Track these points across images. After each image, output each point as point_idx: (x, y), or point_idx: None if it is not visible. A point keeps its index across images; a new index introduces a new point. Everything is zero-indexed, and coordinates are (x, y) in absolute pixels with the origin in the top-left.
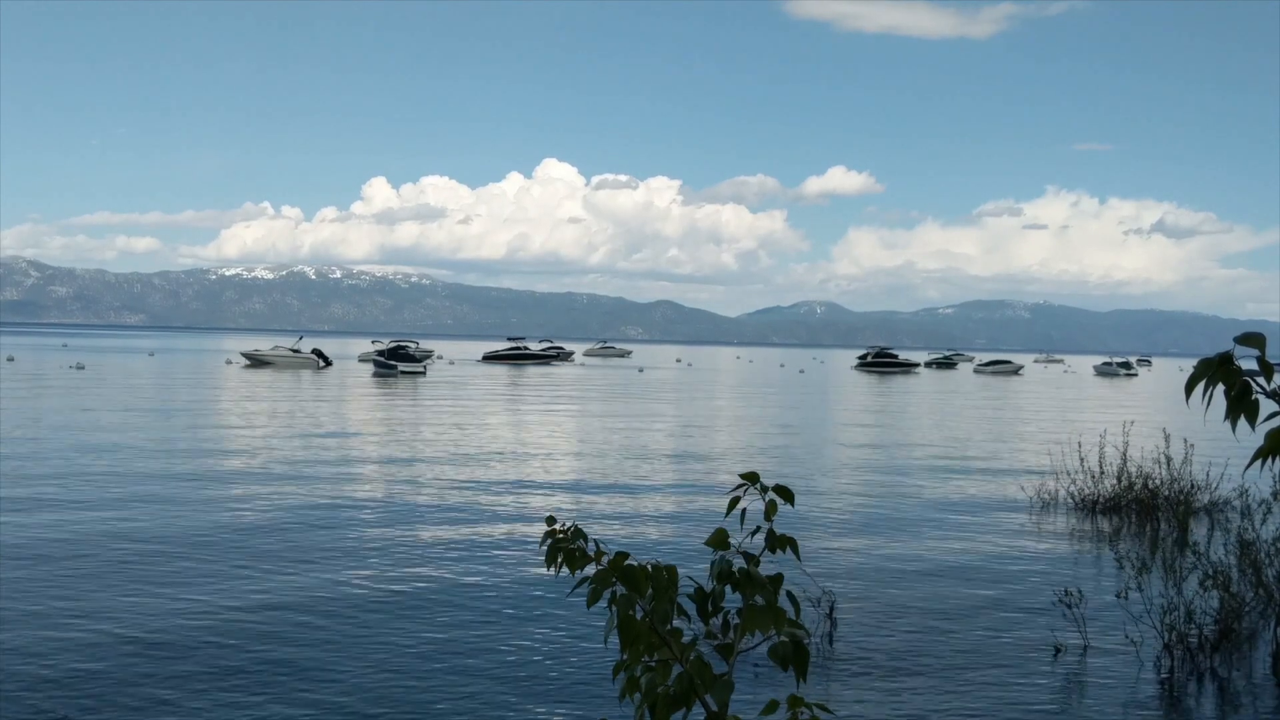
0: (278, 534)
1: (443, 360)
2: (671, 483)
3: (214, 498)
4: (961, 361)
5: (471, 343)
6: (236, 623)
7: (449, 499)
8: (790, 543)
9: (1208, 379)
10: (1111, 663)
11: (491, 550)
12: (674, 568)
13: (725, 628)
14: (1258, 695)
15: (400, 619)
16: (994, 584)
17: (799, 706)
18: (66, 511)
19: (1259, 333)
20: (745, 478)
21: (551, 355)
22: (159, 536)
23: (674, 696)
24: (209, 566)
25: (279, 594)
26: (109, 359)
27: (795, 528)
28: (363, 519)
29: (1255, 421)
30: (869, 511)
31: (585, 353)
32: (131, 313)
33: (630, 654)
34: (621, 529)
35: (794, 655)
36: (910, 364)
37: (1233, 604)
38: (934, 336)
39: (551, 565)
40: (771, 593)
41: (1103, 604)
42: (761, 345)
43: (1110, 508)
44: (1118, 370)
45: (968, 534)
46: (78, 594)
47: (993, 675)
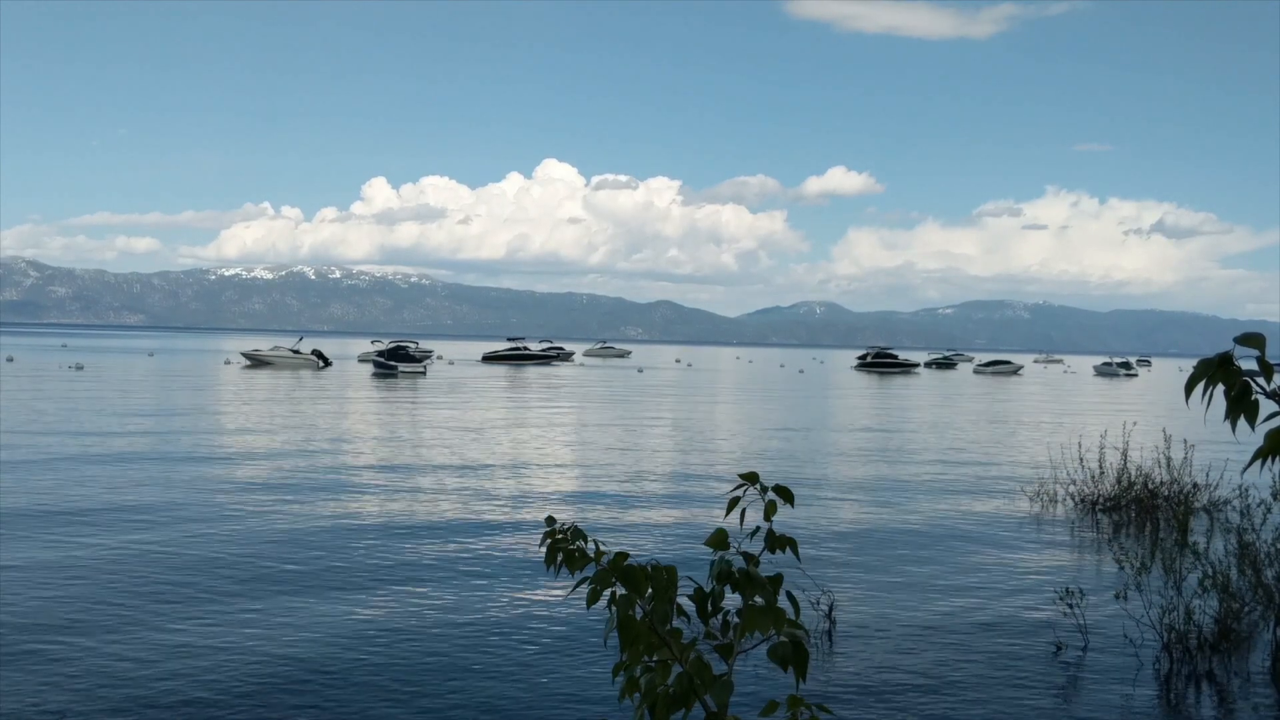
0: (286, 551)
1: (442, 360)
2: (671, 483)
3: (212, 511)
4: (961, 362)
5: (471, 343)
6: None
7: (467, 506)
8: (790, 543)
9: (1208, 379)
10: (1111, 662)
11: (497, 552)
12: (673, 568)
13: (725, 628)
14: (1257, 695)
15: (399, 621)
16: (994, 584)
17: (799, 706)
18: (58, 531)
19: (1259, 333)
20: (745, 478)
21: (552, 355)
22: (155, 559)
23: (674, 696)
24: (210, 587)
25: (285, 625)
26: (108, 359)
27: (795, 528)
28: (370, 528)
29: (1255, 421)
30: (868, 512)
31: (585, 353)
32: (131, 313)
33: (630, 654)
34: (621, 529)
35: (794, 655)
36: (910, 364)
37: (1232, 604)
38: (934, 337)
39: (551, 565)
40: (771, 593)
41: (1102, 604)
42: (761, 345)
43: (1110, 508)
44: (1118, 370)
45: (967, 534)
46: (64, 626)
47: (992, 675)
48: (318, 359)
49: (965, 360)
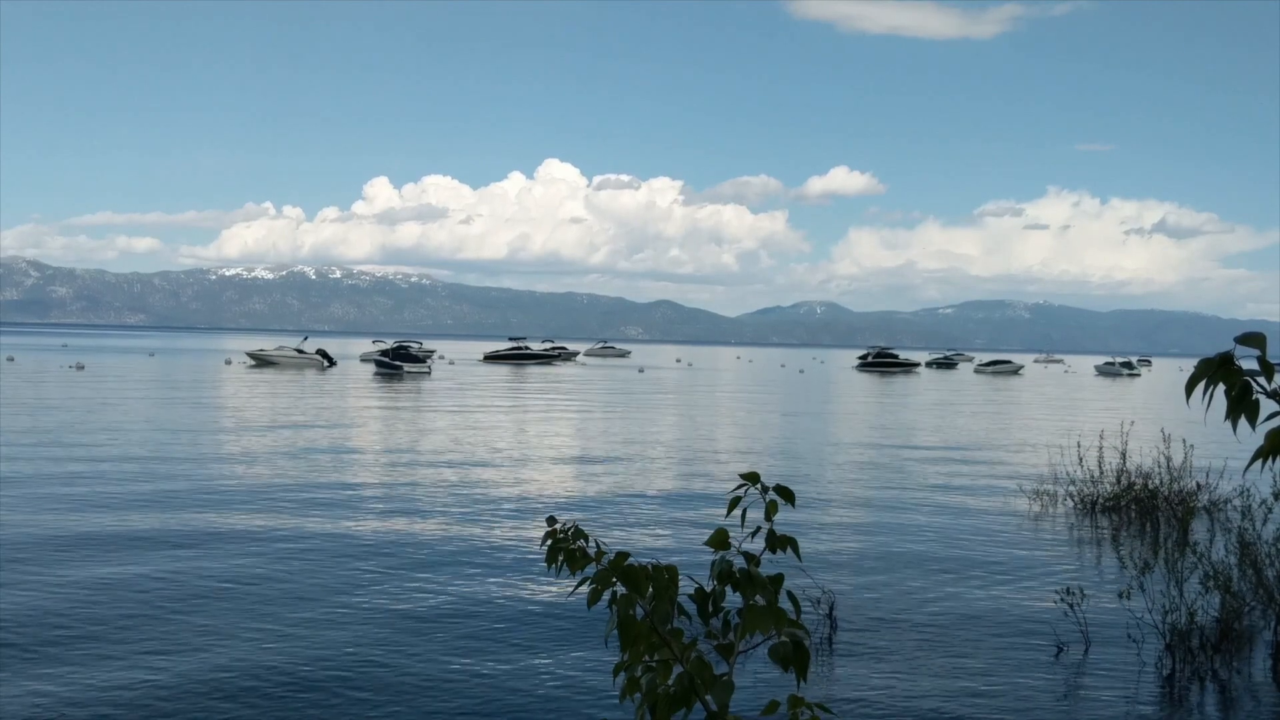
0: (296, 569)
1: (443, 360)
2: (672, 483)
3: (213, 530)
4: (962, 362)
5: (471, 342)
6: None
7: (476, 505)
8: (790, 543)
9: (1208, 379)
10: (1113, 662)
11: (496, 552)
12: (674, 568)
13: (725, 628)
14: (1258, 695)
15: (402, 621)
16: (994, 583)
17: (799, 706)
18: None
19: (1259, 333)
20: (746, 478)
21: (553, 355)
22: (149, 583)
23: (674, 696)
24: (215, 612)
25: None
26: (109, 359)
27: (795, 528)
28: (370, 530)
29: (1255, 421)
30: (869, 511)
31: (586, 353)
32: (132, 313)
33: (631, 654)
34: (622, 529)
35: (794, 655)
36: (910, 364)
37: (1233, 604)
38: (934, 336)
39: (552, 565)
40: (772, 593)
41: (1103, 603)
42: (761, 345)
43: (1110, 508)
44: (1120, 370)
45: (968, 534)
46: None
47: (994, 674)
48: (322, 359)
49: (966, 360)
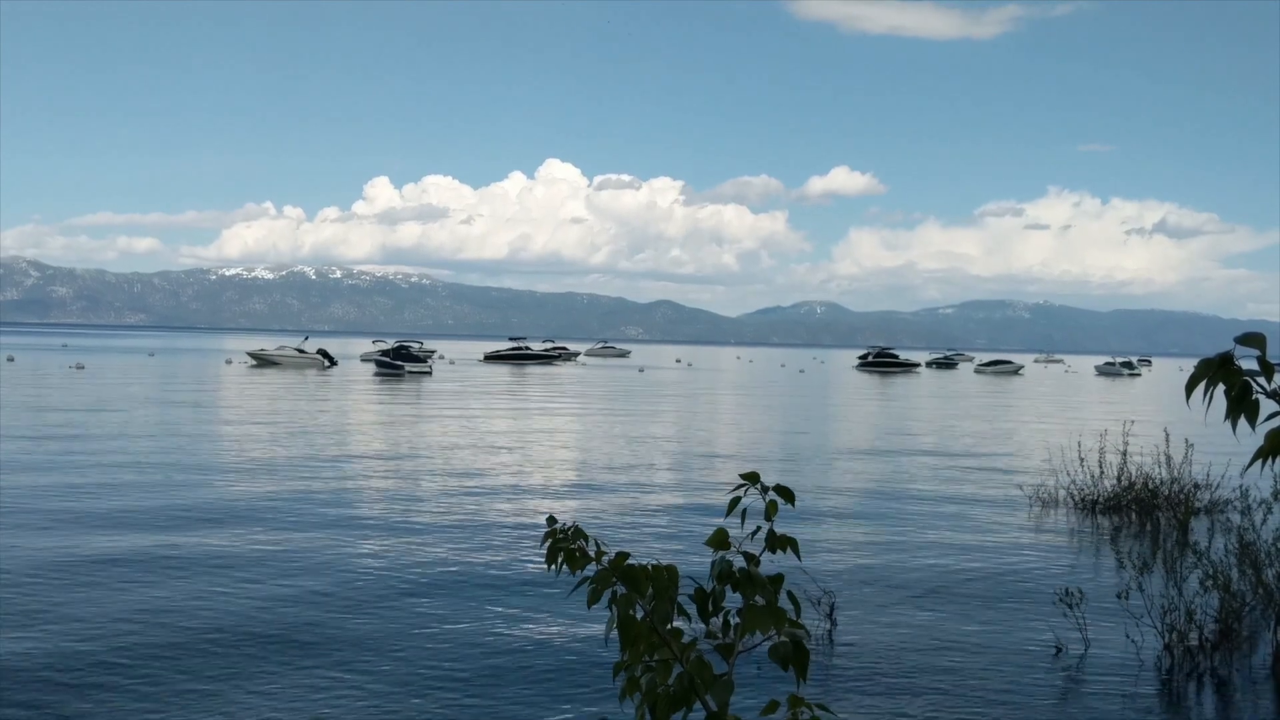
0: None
1: (444, 360)
2: (672, 483)
3: (213, 530)
4: (962, 362)
5: (471, 342)
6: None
7: (480, 504)
8: (790, 543)
9: (1208, 379)
10: (1112, 662)
11: (498, 550)
12: (674, 567)
13: (725, 628)
14: (1258, 695)
15: (401, 619)
16: (994, 583)
17: (799, 706)
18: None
19: (1259, 333)
20: (746, 478)
21: (554, 355)
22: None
23: (674, 696)
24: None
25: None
26: (109, 359)
27: (796, 528)
28: (375, 526)
29: (1255, 421)
30: (869, 511)
31: (586, 353)
32: (132, 313)
33: (630, 654)
34: (622, 528)
35: (794, 655)
36: (911, 364)
37: (1233, 604)
38: (934, 336)
39: (552, 565)
40: (772, 593)
41: (1103, 603)
42: (762, 345)
43: (1110, 507)
44: (1120, 370)
45: (968, 534)
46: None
47: (993, 675)
48: (323, 358)
49: (966, 360)
